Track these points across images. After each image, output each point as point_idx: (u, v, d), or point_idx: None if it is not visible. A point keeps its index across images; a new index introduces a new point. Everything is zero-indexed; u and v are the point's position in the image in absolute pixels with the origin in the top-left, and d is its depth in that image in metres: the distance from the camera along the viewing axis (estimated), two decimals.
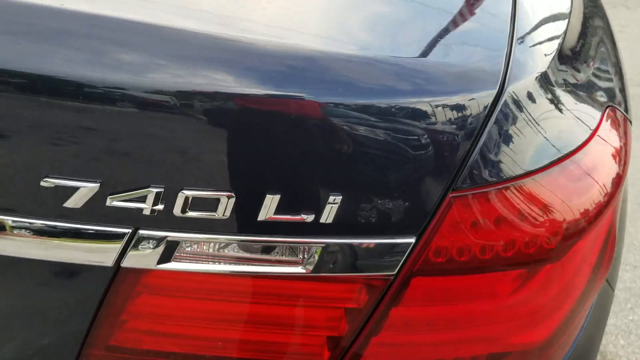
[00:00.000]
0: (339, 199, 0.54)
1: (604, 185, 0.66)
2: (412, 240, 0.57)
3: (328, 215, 0.54)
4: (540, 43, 0.69)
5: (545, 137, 0.61)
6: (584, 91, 0.72)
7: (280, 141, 0.53)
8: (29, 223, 0.54)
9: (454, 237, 0.57)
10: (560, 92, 0.66)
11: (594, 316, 0.76)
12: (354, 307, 0.59)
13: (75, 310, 0.60)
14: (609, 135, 0.70)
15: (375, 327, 0.60)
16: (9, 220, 0.54)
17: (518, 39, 0.64)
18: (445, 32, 0.63)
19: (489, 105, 0.56)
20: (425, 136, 0.54)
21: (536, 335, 0.66)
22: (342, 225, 0.55)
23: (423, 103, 0.54)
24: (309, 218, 0.54)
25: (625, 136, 0.75)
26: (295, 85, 0.53)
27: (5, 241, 0.55)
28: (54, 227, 0.54)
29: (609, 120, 0.72)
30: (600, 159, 0.67)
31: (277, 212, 0.53)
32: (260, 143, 0.53)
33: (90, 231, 0.54)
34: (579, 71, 0.74)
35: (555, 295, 0.66)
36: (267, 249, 0.55)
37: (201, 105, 0.52)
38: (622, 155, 0.71)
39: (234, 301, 0.60)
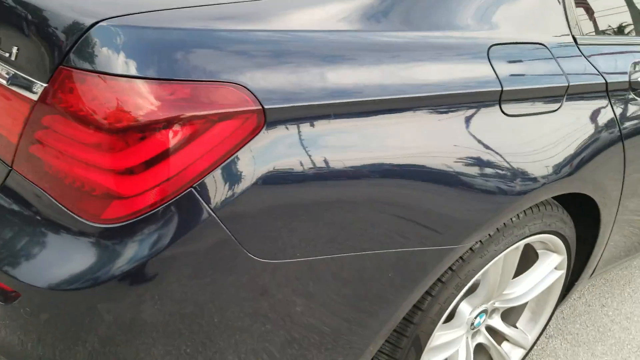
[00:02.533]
0: (17, 48, 1.01)
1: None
2: (45, 84, 0.94)
3: (14, 56, 1.03)
4: None
5: None
6: None
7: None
8: None
9: (66, 94, 0.94)
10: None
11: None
12: (21, 114, 1.01)
13: None
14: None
15: (31, 127, 1.00)
16: None
17: None
18: None
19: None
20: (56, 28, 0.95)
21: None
22: (15, 62, 1.00)
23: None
24: (6, 55, 1.02)
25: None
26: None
27: None
28: None
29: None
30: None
31: None
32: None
33: None
34: None
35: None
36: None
37: None
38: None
39: None
